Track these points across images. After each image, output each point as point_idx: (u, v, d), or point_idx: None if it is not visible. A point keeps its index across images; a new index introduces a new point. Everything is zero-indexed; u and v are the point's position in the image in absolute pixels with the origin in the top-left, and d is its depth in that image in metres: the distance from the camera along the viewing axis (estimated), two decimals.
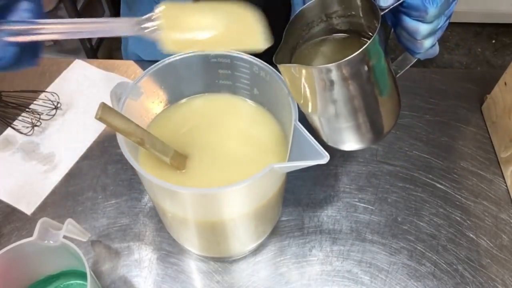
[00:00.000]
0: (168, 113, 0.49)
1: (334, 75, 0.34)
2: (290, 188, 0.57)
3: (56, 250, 0.44)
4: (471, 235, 0.54)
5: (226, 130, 0.48)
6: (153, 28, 0.33)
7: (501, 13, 1.79)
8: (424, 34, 0.36)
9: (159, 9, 0.34)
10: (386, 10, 0.35)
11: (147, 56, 0.72)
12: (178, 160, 0.43)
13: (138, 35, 0.33)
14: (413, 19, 0.35)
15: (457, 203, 0.57)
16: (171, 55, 0.44)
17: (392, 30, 0.39)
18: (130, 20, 0.33)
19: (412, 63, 0.40)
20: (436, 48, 0.38)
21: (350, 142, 0.41)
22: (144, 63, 0.71)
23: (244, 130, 0.49)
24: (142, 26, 0.33)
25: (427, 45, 0.37)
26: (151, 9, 0.34)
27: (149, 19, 0.34)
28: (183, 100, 0.50)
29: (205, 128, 0.48)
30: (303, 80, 0.36)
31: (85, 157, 0.61)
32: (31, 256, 0.44)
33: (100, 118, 0.36)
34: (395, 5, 0.34)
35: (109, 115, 0.36)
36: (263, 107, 0.49)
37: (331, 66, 0.34)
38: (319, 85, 0.36)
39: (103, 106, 0.36)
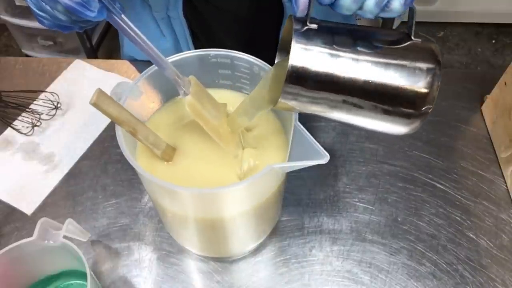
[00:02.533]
0: (166, 108, 0.49)
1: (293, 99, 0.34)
2: (290, 188, 0.57)
3: (56, 250, 0.44)
4: (471, 235, 0.54)
5: None
6: (184, 89, 0.41)
7: (501, 13, 1.79)
8: (352, 8, 0.33)
9: (192, 78, 0.42)
10: (305, 17, 0.34)
11: (141, 58, 0.72)
12: (168, 152, 0.44)
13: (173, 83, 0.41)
14: (335, 6, 0.34)
15: (457, 203, 0.57)
16: (170, 55, 0.44)
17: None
18: (174, 71, 0.40)
19: (413, 19, 0.35)
20: (394, 6, 0.33)
21: (390, 130, 0.37)
22: (139, 64, 0.71)
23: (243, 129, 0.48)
24: (179, 80, 0.40)
25: (370, 8, 0.33)
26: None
27: (185, 80, 0.41)
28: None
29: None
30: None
31: (85, 157, 0.61)
32: (31, 256, 0.44)
33: (94, 104, 0.36)
34: (307, 13, 0.33)
35: (104, 101, 0.37)
36: None
37: (281, 97, 0.34)
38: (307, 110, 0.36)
39: (99, 92, 0.36)
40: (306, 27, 0.33)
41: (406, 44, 0.35)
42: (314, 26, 0.34)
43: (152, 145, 0.42)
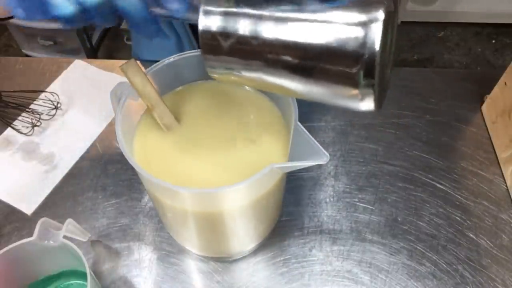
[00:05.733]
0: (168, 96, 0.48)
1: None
2: (290, 188, 0.57)
3: (56, 250, 0.44)
4: (471, 235, 0.54)
5: (224, 119, 0.47)
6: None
7: (501, 13, 1.79)
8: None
9: None
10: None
11: (146, 58, 0.72)
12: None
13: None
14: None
15: (457, 203, 0.57)
16: (175, 54, 0.44)
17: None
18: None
19: None
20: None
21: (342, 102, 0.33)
22: (144, 64, 0.71)
23: (245, 122, 0.48)
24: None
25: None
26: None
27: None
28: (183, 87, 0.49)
29: (204, 113, 0.47)
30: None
31: (85, 157, 0.61)
32: (31, 256, 0.44)
33: (123, 69, 0.38)
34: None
35: (133, 70, 0.38)
36: (264, 96, 0.48)
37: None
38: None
39: (132, 60, 0.38)
40: None
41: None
42: None
43: (164, 126, 0.43)
